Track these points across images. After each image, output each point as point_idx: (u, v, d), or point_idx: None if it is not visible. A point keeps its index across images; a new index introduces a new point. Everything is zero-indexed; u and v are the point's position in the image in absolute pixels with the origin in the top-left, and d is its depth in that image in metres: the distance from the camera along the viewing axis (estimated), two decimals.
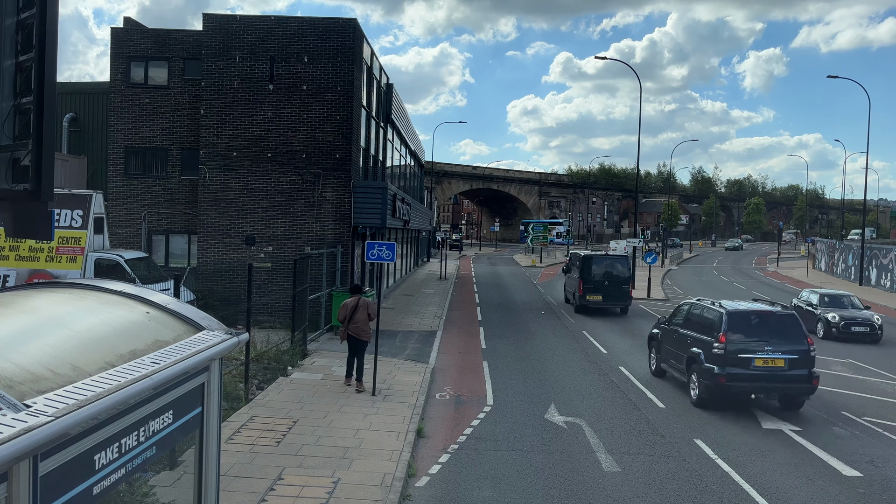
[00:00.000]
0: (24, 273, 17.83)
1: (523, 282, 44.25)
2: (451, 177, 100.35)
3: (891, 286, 43.88)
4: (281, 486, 9.00)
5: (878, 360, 20.72)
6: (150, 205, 23.36)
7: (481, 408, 13.74)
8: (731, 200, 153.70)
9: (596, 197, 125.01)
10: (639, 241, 42.26)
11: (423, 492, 9.51)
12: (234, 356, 14.49)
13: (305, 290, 17.83)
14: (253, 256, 21.93)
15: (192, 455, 4.53)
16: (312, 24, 22.69)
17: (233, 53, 22.22)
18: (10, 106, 4.01)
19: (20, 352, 3.26)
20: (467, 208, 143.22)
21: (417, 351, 19.22)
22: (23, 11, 3.98)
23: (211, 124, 22.31)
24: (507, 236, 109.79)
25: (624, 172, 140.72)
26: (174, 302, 4.76)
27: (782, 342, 13.86)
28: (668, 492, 9.81)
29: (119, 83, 23.32)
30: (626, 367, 18.14)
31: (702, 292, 40.91)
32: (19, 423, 2.63)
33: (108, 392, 3.13)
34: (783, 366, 13.69)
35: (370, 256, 14.53)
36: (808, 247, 69.66)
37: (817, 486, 10.26)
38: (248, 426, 11.41)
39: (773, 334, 13.95)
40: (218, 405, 4.60)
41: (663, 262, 61.42)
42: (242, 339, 4.71)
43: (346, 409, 12.71)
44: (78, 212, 18.24)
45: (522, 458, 10.95)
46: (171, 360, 3.77)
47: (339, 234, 22.44)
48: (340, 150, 22.33)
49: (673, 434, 12.52)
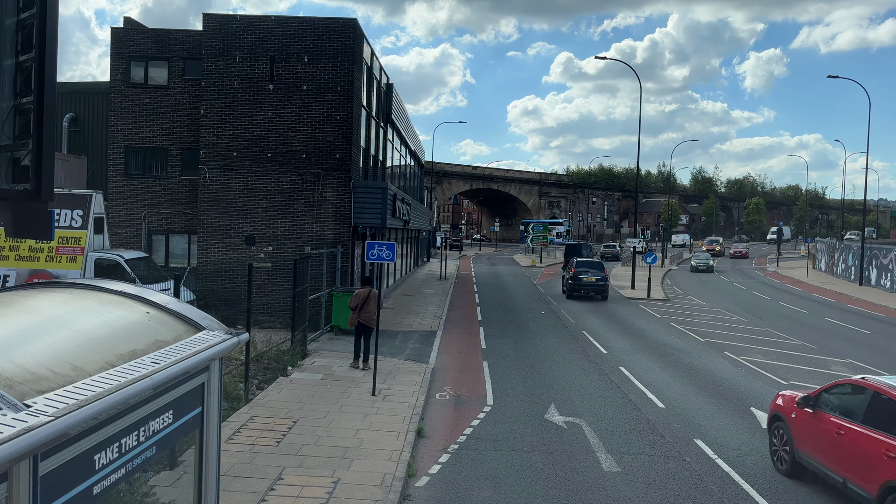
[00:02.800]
0: (24, 273, 17.83)
1: (523, 282, 44.24)
2: (451, 177, 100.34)
3: (891, 286, 43.88)
4: (281, 486, 8.99)
5: (878, 360, 20.72)
6: (150, 205, 23.36)
7: (481, 408, 13.74)
8: (731, 200, 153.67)
9: (596, 197, 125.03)
10: (639, 241, 42.25)
11: (423, 492, 9.51)
12: (234, 356, 14.49)
13: (305, 290, 17.83)
14: (253, 256, 21.93)
15: (192, 455, 4.53)
16: (312, 24, 22.69)
17: (233, 53, 22.23)
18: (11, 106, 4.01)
19: (20, 352, 3.26)
20: (467, 208, 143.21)
21: (417, 351, 19.21)
22: (23, 11, 3.97)
23: (211, 124, 22.31)
24: (508, 236, 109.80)
25: (624, 172, 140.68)
26: (174, 302, 4.76)
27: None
28: (668, 492, 9.81)
29: (119, 83, 23.32)
30: (626, 367, 18.14)
31: (702, 292, 40.92)
32: (19, 423, 2.63)
33: (108, 392, 3.13)
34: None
35: (370, 256, 14.54)
36: (808, 247, 69.70)
37: (817, 486, 10.25)
38: (248, 426, 11.41)
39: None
40: (218, 405, 4.60)
41: (663, 262, 61.43)
42: (242, 339, 4.71)
43: (346, 409, 12.71)
44: (78, 212, 18.24)
45: (522, 458, 10.95)
46: (171, 360, 3.77)
47: (339, 234, 22.44)
48: (340, 150, 22.33)
49: (673, 434, 12.52)
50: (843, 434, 9.24)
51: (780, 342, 23.47)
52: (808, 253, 67.18)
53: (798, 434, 10.28)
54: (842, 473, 9.22)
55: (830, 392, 10.04)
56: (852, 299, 39.82)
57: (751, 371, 18.28)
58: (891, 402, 8.70)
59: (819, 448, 9.75)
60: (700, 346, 22.07)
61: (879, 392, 8.96)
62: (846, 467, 9.12)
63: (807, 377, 17.65)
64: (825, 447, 9.62)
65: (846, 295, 41.87)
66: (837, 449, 9.34)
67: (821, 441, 9.73)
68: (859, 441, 8.91)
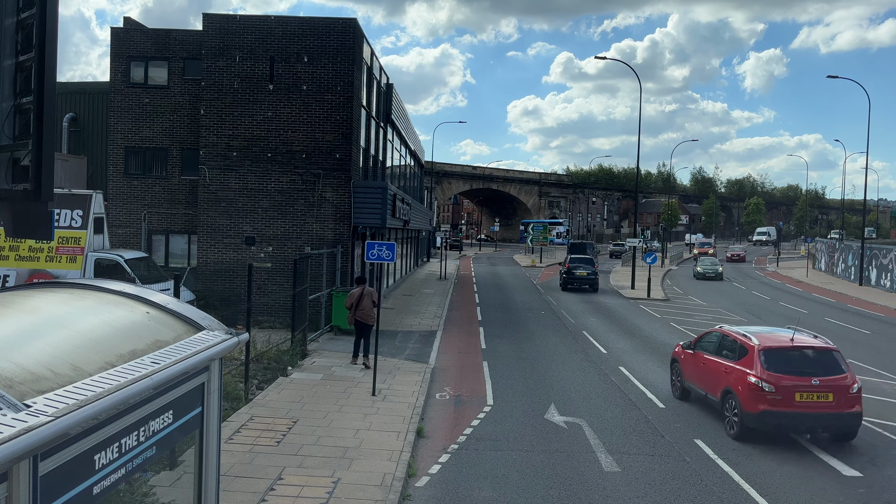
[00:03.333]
0: (24, 273, 17.83)
1: (523, 282, 44.24)
2: (451, 177, 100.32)
3: (891, 286, 43.88)
4: (281, 486, 8.99)
5: (878, 361, 20.72)
6: (150, 205, 23.35)
7: (481, 408, 13.74)
8: (731, 200, 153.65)
9: (596, 197, 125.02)
10: (639, 241, 42.32)
11: (423, 492, 9.51)
12: (234, 356, 14.49)
13: (305, 290, 17.83)
14: (253, 256, 21.93)
15: (192, 455, 4.53)
16: (312, 24, 22.68)
17: (233, 53, 22.22)
18: (10, 106, 4.01)
19: (20, 352, 3.26)
20: (467, 208, 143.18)
21: (417, 351, 19.21)
22: (23, 11, 3.97)
23: (211, 124, 22.31)
24: (507, 236, 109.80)
25: (624, 172, 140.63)
26: (174, 302, 4.76)
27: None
28: (668, 492, 9.81)
29: (119, 83, 23.31)
30: (626, 367, 18.14)
31: (702, 292, 40.92)
32: (19, 423, 2.63)
33: (108, 392, 3.13)
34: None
35: (370, 256, 14.54)
36: (808, 247, 69.68)
37: (817, 486, 10.26)
38: (248, 426, 11.41)
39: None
40: (218, 405, 4.60)
41: (663, 262, 61.43)
42: (242, 339, 4.71)
43: (346, 409, 12.71)
44: (78, 212, 18.24)
45: (522, 458, 10.95)
46: (171, 360, 3.77)
47: (339, 234, 22.44)
48: (340, 150, 22.33)
49: (673, 434, 12.52)
50: (705, 364, 13.84)
51: None
52: (807, 253, 67.18)
53: (684, 368, 14.82)
54: (704, 389, 13.77)
55: (702, 338, 14.67)
56: (852, 299, 39.83)
57: None
58: (729, 339, 13.41)
59: (694, 375, 14.33)
60: None
61: (725, 335, 13.70)
62: (706, 384, 13.69)
63: None
64: (697, 374, 14.20)
65: (846, 295, 41.88)
66: (702, 373, 13.94)
67: (695, 370, 14.29)
68: (710, 365, 13.61)
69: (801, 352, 12.43)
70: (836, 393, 11.81)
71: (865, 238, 52.93)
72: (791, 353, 12.36)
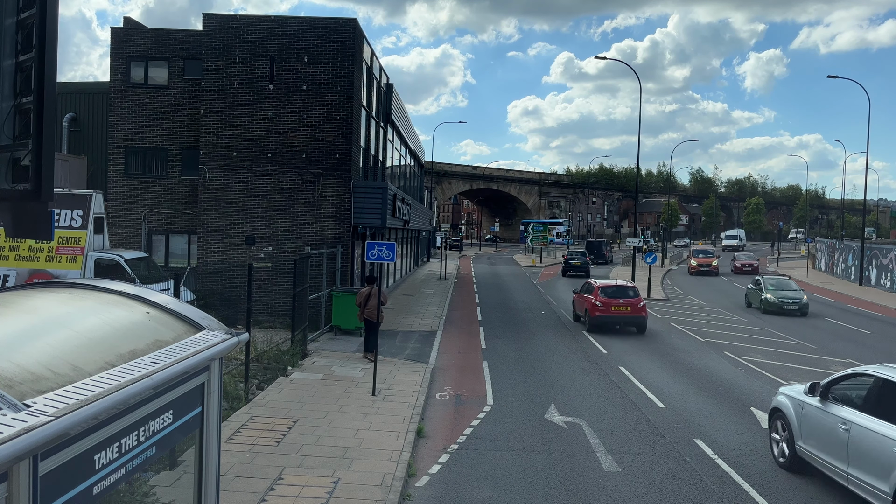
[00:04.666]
0: (24, 273, 17.83)
1: (523, 282, 44.24)
2: (451, 177, 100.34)
3: (890, 286, 43.87)
4: (281, 486, 8.99)
5: (877, 360, 20.70)
6: (150, 205, 23.36)
7: (481, 408, 13.74)
8: (731, 200, 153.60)
9: (596, 197, 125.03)
10: (639, 242, 42.37)
11: (423, 492, 9.51)
12: (234, 356, 14.49)
13: (305, 290, 17.83)
14: (253, 256, 21.93)
15: (192, 455, 4.53)
16: (312, 24, 22.69)
17: (233, 53, 22.23)
18: (10, 106, 4.01)
19: (20, 352, 3.26)
20: (467, 208, 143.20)
21: (417, 351, 19.21)
22: (23, 11, 3.97)
23: (211, 124, 22.32)
24: (507, 236, 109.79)
25: (624, 172, 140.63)
26: (174, 302, 4.76)
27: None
28: (668, 492, 9.81)
29: (119, 83, 23.32)
30: (626, 367, 18.14)
31: (702, 292, 40.91)
32: (19, 423, 2.63)
33: (108, 392, 3.13)
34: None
35: (370, 256, 14.54)
36: (808, 247, 69.65)
37: (817, 486, 10.25)
38: (248, 426, 11.41)
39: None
40: (218, 405, 4.60)
41: (663, 262, 61.43)
42: (242, 339, 4.71)
43: (346, 409, 12.71)
44: (78, 212, 18.24)
45: (522, 457, 10.95)
46: (171, 359, 3.77)
47: (339, 234, 22.45)
48: (340, 150, 22.34)
49: (673, 434, 12.52)
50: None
51: (780, 342, 23.47)
52: (807, 253, 67.12)
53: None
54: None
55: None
56: (852, 299, 39.81)
57: (751, 371, 18.28)
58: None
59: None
60: (700, 345, 22.07)
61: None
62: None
63: (807, 377, 17.62)
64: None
65: (846, 295, 41.87)
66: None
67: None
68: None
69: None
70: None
71: (865, 238, 52.88)
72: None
